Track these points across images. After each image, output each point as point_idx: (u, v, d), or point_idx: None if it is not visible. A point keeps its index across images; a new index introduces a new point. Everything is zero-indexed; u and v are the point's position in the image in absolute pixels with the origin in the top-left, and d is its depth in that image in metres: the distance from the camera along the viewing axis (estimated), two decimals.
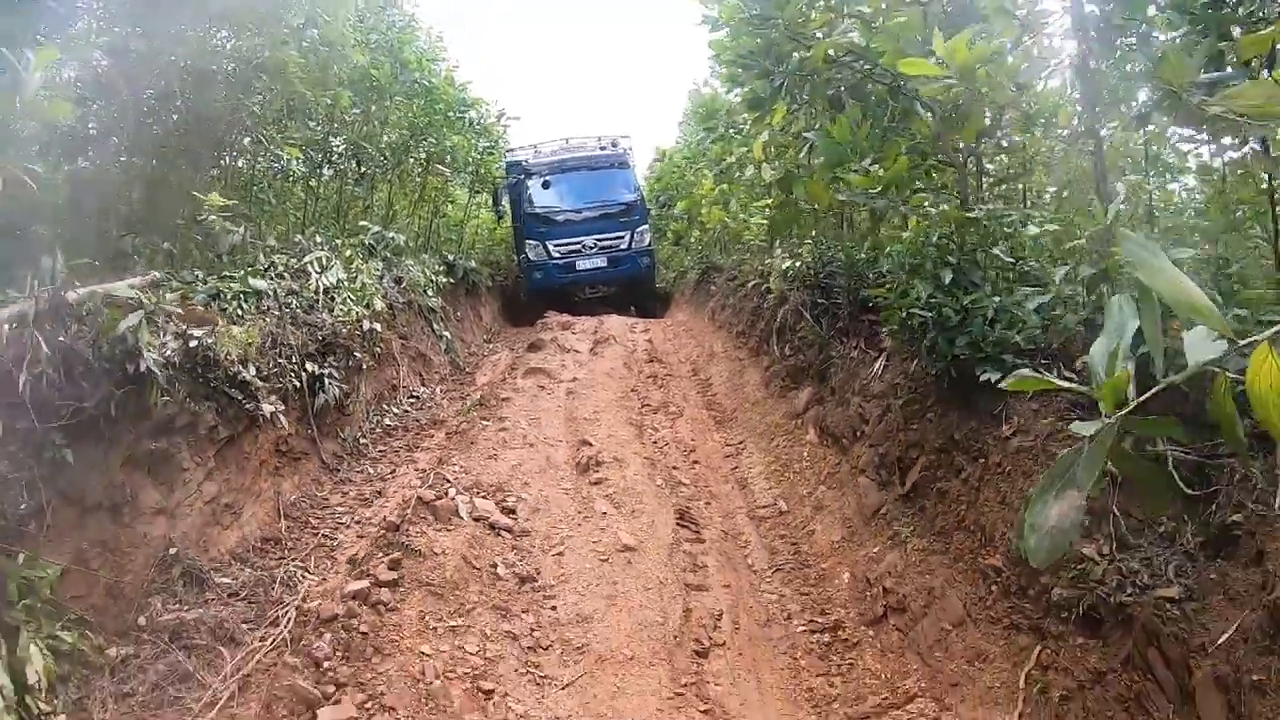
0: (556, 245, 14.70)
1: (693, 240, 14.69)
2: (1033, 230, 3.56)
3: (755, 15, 5.30)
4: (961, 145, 4.52)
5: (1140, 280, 1.87)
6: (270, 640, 3.59)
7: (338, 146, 10.48)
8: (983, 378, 3.44)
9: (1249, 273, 3.18)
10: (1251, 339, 1.69)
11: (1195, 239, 4.21)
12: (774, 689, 3.44)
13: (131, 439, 4.20)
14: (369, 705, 2.89)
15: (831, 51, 5.32)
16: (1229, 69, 3.21)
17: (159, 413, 4.39)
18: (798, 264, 6.70)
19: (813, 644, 3.82)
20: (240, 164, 8.35)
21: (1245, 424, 1.88)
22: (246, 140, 7.97)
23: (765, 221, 7.39)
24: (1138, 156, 5.15)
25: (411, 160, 12.67)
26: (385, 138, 11.41)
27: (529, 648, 3.44)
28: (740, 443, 6.72)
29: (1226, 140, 3.75)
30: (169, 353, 4.53)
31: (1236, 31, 3.24)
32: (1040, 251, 4.04)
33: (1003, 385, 2.43)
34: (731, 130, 11.56)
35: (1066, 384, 1.93)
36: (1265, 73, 3.12)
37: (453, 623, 3.46)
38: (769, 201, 6.95)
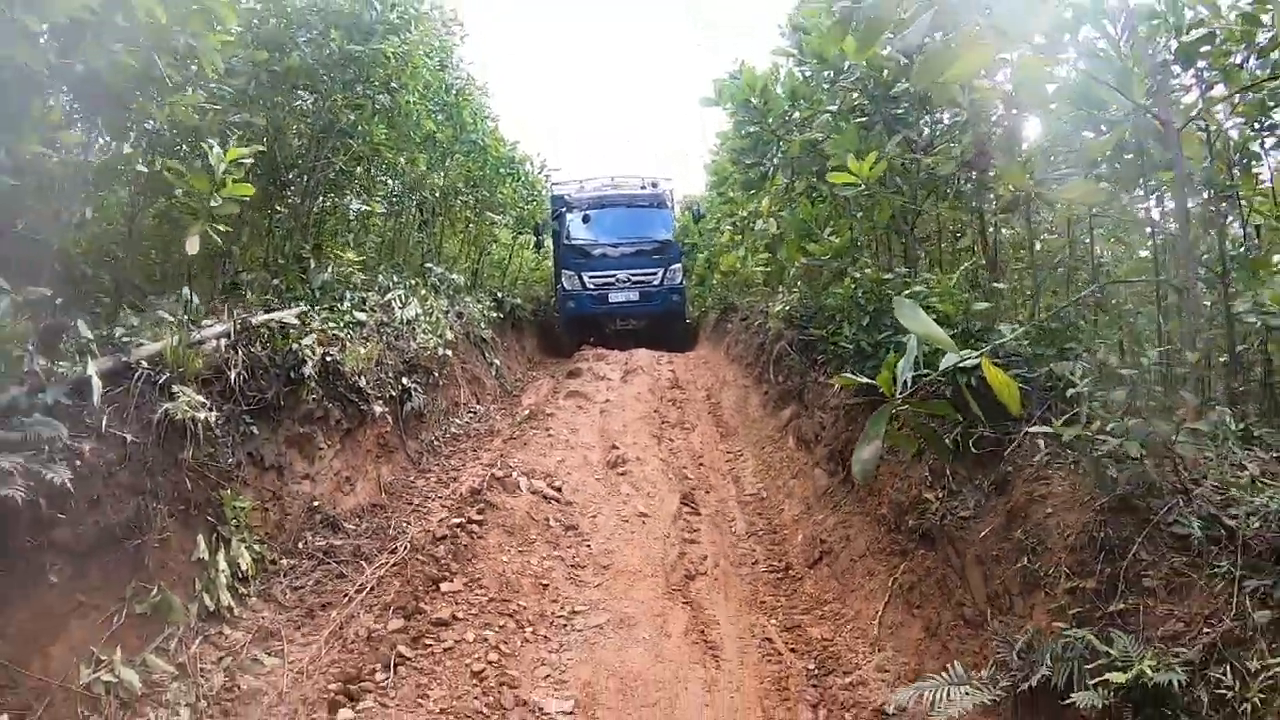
0: (591, 277, 15.72)
1: (714, 283, 16.21)
2: (918, 288, 5.14)
3: (744, 119, 7.00)
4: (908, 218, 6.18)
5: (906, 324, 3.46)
6: (393, 560, 5.25)
7: (395, 190, 12.07)
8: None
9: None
10: (976, 354, 3.29)
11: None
12: (736, 600, 5.01)
13: (290, 423, 5.92)
14: (470, 584, 4.54)
15: (820, 135, 7.01)
16: None
17: (306, 407, 6.12)
18: (787, 307, 8.33)
19: (769, 578, 5.39)
20: (302, 203, 9.56)
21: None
22: (315, 184, 9.22)
23: (765, 270, 9.06)
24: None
25: (460, 203, 14.33)
26: (440, 184, 13.01)
27: (571, 565, 5.07)
28: (739, 451, 8.31)
29: None
30: (310, 364, 6.25)
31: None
32: None
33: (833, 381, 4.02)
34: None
35: (864, 380, 3.53)
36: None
37: (520, 548, 5.12)
38: (767, 255, 8.64)
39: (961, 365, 3.12)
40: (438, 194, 12.99)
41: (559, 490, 6.39)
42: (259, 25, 7.71)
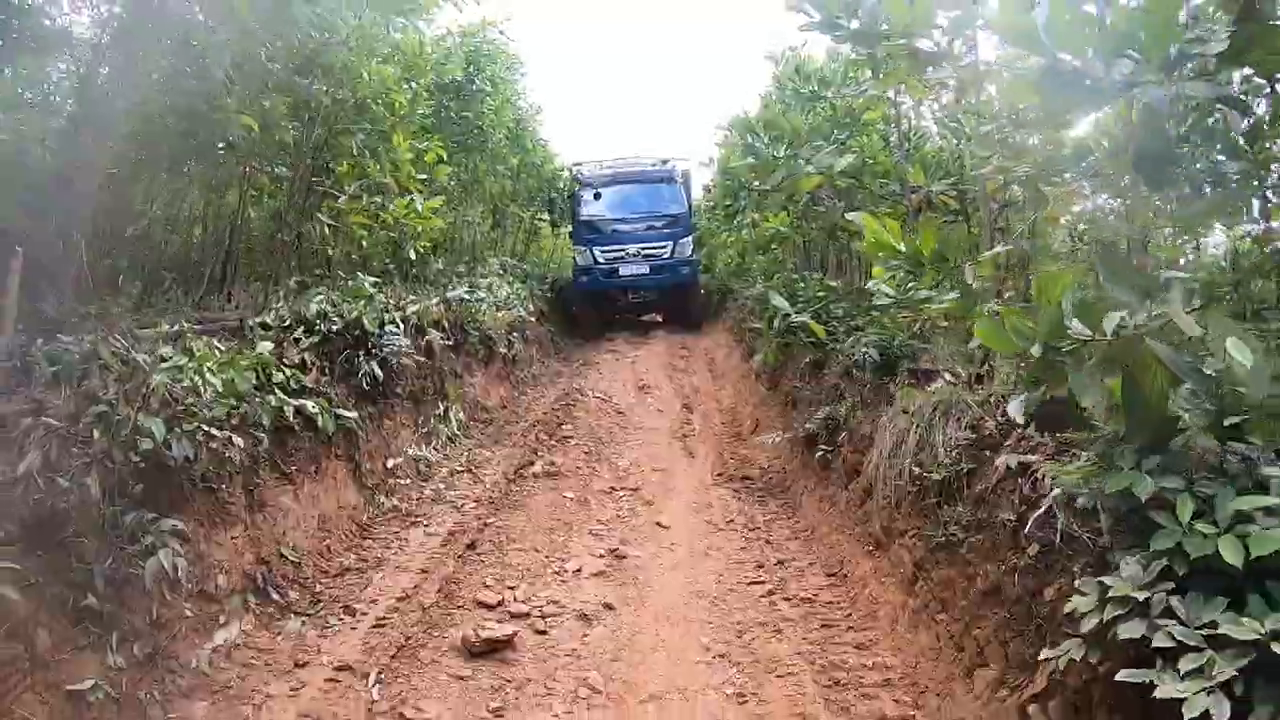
0: (602, 251, 17.32)
1: (716, 272, 21.26)
2: (801, 284, 10.29)
3: (724, 173, 12.19)
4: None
5: (770, 300, 8.60)
6: (529, 422, 10.54)
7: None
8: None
9: None
10: (802, 314, 8.51)
11: None
12: (707, 445, 10.25)
13: (462, 352, 11.17)
14: (575, 428, 9.93)
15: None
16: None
17: (469, 344, 11.38)
18: (756, 292, 13.57)
19: (727, 440, 10.62)
20: None
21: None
22: None
23: (740, 266, 14.36)
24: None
25: (517, 206, 19.35)
26: (509, 195, 18.11)
27: (622, 427, 10.42)
28: (723, 386, 13.57)
29: None
30: (473, 321, 11.50)
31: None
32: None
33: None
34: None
35: (757, 325, 8.72)
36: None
37: (595, 418, 10.47)
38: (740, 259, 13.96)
39: (800, 319, 8.34)
40: (507, 204, 18.28)
41: (610, 398, 11.71)
42: None
